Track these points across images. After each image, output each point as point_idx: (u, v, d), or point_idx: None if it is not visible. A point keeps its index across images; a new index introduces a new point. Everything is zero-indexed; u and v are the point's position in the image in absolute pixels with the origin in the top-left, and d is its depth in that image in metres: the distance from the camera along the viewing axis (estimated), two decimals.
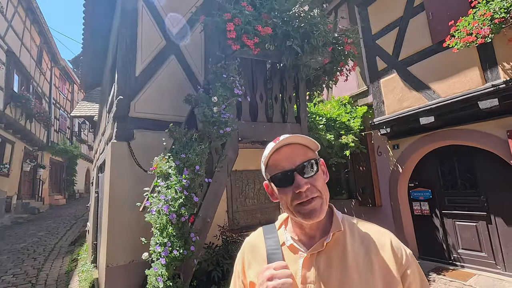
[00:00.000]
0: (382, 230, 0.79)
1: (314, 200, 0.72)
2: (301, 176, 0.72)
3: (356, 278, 0.68)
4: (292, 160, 0.73)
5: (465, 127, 4.31)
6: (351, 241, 0.75)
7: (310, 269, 0.73)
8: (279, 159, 0.75)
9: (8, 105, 9.35)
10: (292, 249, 0.78)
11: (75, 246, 6.69)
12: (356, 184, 6.06)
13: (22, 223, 9.68)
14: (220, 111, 2.50)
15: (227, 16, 2.63)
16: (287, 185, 0.73)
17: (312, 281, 0.71)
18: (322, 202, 0.73)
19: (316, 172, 0.74)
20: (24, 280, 4.52)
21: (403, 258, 0.73)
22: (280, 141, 0.74)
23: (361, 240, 0.75)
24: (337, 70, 3.58)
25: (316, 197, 0.72)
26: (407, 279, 0.71)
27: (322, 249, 0.74)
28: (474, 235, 4.41)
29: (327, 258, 0.73)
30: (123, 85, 3.27)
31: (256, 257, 0.81)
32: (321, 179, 0.76)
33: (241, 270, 0.84)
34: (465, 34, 3.68)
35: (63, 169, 16.14)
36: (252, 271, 0.80)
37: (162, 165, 2.35)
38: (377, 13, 5.47)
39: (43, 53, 12.99)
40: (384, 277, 0.70)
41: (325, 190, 0.75)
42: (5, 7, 9.36)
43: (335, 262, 0.72)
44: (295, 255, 0.76)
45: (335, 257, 0.73)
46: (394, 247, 0.74)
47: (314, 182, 0.73)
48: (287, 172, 0.73)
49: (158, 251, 2.11)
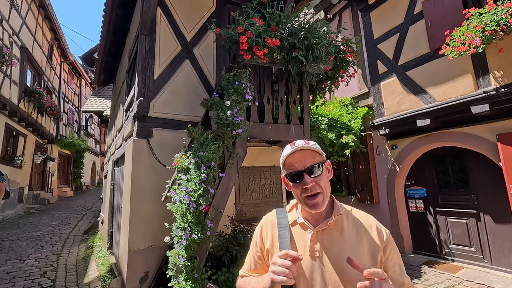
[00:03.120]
0: (368, 215, 1.06)
1: (317, 196, 0.93)
2: (309, 176, 0.93)
3: (350, 250, 0.94)
4: (302, 163, 0.95)
5: (459, 130, 4.59)
6: (347, 223, 0.99)
7: (317, 243, 0.96)
8: (293, 161, 0.96)
9: (22, 100, 9.72)
10: (303, 226, 1.01)
11: (89, 235, 7.08)
12: (356, 182, 6.37)
13: (34, 213, 10.10)
14: (233, 115, 2.82)
15: (240, 29, 2.93)
16: (298, 181, 0.95)
17: (318, 250, 0.95)
18: (323, 197, 0.94)
19: (321, 173, 0.95)
20: (45, 264, 4.90)
21: (384, 235, 0.98)
22: (295, 147, 0.96)
23: (353, 222, 1.00)
24: (338, 76, 3.88)
25: (319, 193, 0.93)
26: (387, 251, 0.96)
27: (325, 227, 0.97)
28: (464, 231, 4.71)
29: (329, 234, 0.97)
30: (143, 87, 3.60)
31: (271, 230, 1.08)
32: (325, 178, 0.96)
33: (259, 239, 1.10)
34: (459, 44, 3.94)
35: (71, 162, 16.60)
36: (268, 240, 1.07)
37: (182, 161, 2.68)
38: (379, 19, 5.71)
39: (53, 49, 13.33)
40: (370, 248, 0.94)
41: (327, 187, 0.96)
42: (19, 4, 9.68)
43: (335, 237, 0.96)
44: (305, 231, 1.00)
45: (335, 234, 0.97)
46: (377, 227, 1.00)
47: (319, 181, 0.94)
48: (298, 172, 0.94)
49: (179, 235, 2.45)
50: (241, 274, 1.13)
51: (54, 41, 13.12)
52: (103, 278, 4.12)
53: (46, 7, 11.27)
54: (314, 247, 0.96)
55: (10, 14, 8.97)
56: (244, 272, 1.12)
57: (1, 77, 8.25)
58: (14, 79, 9.08)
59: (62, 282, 4.20)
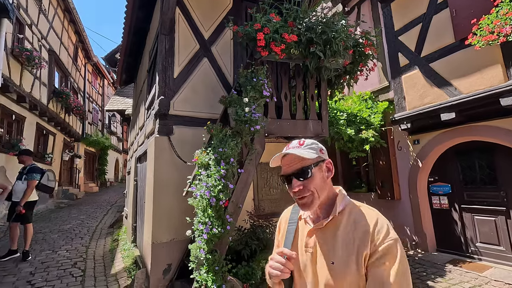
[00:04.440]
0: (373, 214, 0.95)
1: (305, 198, 0.95)
2: (297, 179, 0.95)
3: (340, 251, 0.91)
4: (290, 167, 0.97)
5: (486, 123, 4.38)
6: (345, 223, 0.95)
7: (311, 239, 0.99)
8: (284, 164, 1.00)
9: (51, 100, 10.26)
10: (306, 222, 1.05)
11: (114, 228, 7.42)
12: (376, 178, 6.24)
13: (63, 207, 10.68)
14: (251, 111, 2.86)
15: (257, 26, 2.95)
16: (289, 184, 0.99)
17: (311, 247, 0.98)
18: (313, 199, 0.95)
19: (309, 176, 0.94)
20: (76, 255, 5.21)
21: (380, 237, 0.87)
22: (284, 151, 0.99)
23: (353, 221, 0.94)
24: (357, 70, 3.81)
25: (308, 195, 0.94)
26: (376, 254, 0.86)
27: (322, 226, 0.98)
28: (492, 230, 4.51)
29: (323, 234, 0.97)
30: (163, 86, 3.70)
31: (284, 224, 1.15)
32: (315, 180, 0.95)
33: (277, 231, 1.20)
34: (487, 33, 3.75)
35: (96, 159, 17.36)
36: (280, 233, 1.15)
37: (202, 157, 2.76)
38: (400, 9, 5.52)
39: (78, 51, 13.93)
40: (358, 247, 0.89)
41: (319, 188, 0.95)
42: (47, 9, 10.18)
43: (328, 236, 0.96)
44: (306, 226, 1.04)
45: (329, 233, 0.96)
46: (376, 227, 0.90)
47: (307, 184, 0.94)
48: (287, 175, 0.98)
49: (200, 229, 2.53)
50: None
51: (78, 43, 13.70)
52: (128, 270, 4.32)
53: (71, 11, 11.78)
54: (308, 243, 1.00)
55: (39, 19, 9.46)
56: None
57: (32, 79, 8.75)
58: (43, 81, 9.59)
59: (91, 272, 4.45)
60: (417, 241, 5.38)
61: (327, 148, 1.14)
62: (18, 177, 4.96)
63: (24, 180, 4.86)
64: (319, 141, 1.23)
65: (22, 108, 8.43)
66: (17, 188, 4.84)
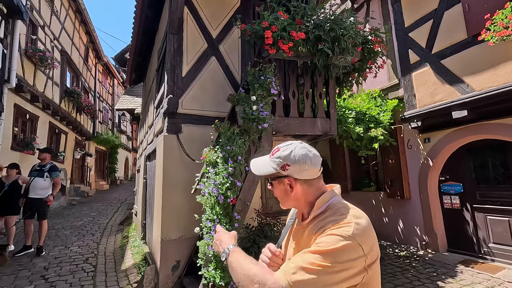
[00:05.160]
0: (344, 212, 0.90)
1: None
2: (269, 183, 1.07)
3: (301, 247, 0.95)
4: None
5: (500, 121, 4.27)
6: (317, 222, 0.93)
7: (295, 235, 1.05)
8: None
9: (63, 100, 10.49)
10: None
11: (124, 225, 7.55)
12: (385, 177, 6.16)
13: (75, 204, 10.93)
14: (258, 109, 2.86)
15: (265, 24, 2.95)
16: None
17: (291, 241, 1.06)
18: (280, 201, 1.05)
19: (271, 187, 1.06)
20: (87, 251, 5.33)
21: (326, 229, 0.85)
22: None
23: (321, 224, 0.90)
24: (366, 68, 3.76)
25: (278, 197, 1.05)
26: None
27: (301, 226, 1.02)
28: (506, 230, 4.40)
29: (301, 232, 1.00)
30: (172, 85, 3.74)
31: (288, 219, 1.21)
32: (275, 190, 1.05)
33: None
34: (501, 28, 3.65)
35: (106, 157, 17.69)
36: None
37: (210, 155, 2.78)
38: (410, 5, 5.42)
39: (89, 51, 14.18)
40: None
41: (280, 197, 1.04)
42: (59, 10, 10.39)
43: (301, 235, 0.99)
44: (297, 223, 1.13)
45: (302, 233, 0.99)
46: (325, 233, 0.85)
47: (273, 190, 1.06)
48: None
49: (208, 226, 2.56)
50: None
51: (89, 44, 13.95)
52: (138, 266, 4.40)
53: (82, 12, 12.00)
54: (290, 239, 1.09)
55: (51, 20, 9.67)
56: None
57: (45, 79, 8.96)
58: (55, 81, 9.81)
59: (102, 268, 4.55)
60: (428, 241, 5.30)
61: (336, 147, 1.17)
62: (35, 174, 5.00)
63: (46, 178, 4.97)
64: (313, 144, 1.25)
65: (36, 108, 8.64)
66: (37, 184, 4.92)
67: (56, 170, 5.12)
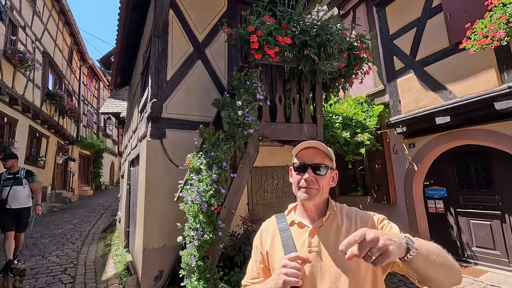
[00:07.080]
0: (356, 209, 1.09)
1: (311, 190, 1.01)
2: (312, 172, 1.02)
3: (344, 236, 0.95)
4: (312, 158, 1.04)
5: (481, 127, 4.37)
6: (340, 216, 1.04)
7: (314, 238, 1.01)
8: (304, 155, 1.06)
9: (44, 103, 10.13)
10: (300, 225, 1.07)
11: (107, 233, 7.29)
12: (372, 181, 6.21)
13: (56, 211, 10.51)
14: (244, 114, 2.81)
15: (250, 28, 2.91)
16: (301, 172, 1.04)
17: (315, 245, 1.00)
18: (317, 193, 1.01)
19: (324, 174, 1.03)
20: (66, 260, 5.09)
21: (377, 218, 1.01)
22: (312, 142, 1.06)
23: (346, 214, 1.05)
24: (352, 73, 3.78)
25: (315, 188, 1.01)
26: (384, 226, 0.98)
27: (321, 224, 1.02)
28: (488, 234, 4.49)
29: (325, 229, 1.02)
30: (156, 88, 3.65)
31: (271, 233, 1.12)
32: (325, 180, 1.04)
33: (259, 244, 1.15)
34: (481, 37, 3.75)
35: (91, 162, 17.17)
36: (267, 243, 1.11)
37: (194, 161, 2.70)
38: (395, 13, 5.53)
39: (73, 53, 13.82)
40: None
41: (325, 188, 1.04)
42: (41, 11, 10.09)
43: (330, 231, 1.01)
44: (302, 229, 1.06)
45: (330, 228, 1.02)
46: (369, 214, 1.03)
47: (319, 179, 1.02)
48: (305, 164, 1.04)
49: (191, 235, 2.47)
50: (244, 283, 1.17)
51: (73, 46, 13.60)
52: (120, 276, 4.22)
53: (66, 13, 11.70)
54: (312, 242, 1.01)
55: (33, 20, 9.37)
56: (247, 281, 1.16)
57: (25, 81, 8.64)
58: (37, 83, 9.48)
59: (82, 278, 4.34)
60: None
61: None
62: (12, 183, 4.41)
63: (25, 185, 4.48)
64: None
65: (14, 111, 8.30)
66: (18, 193, 4.39)
67: (33, 174, 4.76)
